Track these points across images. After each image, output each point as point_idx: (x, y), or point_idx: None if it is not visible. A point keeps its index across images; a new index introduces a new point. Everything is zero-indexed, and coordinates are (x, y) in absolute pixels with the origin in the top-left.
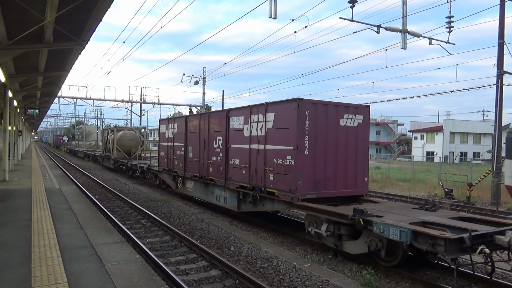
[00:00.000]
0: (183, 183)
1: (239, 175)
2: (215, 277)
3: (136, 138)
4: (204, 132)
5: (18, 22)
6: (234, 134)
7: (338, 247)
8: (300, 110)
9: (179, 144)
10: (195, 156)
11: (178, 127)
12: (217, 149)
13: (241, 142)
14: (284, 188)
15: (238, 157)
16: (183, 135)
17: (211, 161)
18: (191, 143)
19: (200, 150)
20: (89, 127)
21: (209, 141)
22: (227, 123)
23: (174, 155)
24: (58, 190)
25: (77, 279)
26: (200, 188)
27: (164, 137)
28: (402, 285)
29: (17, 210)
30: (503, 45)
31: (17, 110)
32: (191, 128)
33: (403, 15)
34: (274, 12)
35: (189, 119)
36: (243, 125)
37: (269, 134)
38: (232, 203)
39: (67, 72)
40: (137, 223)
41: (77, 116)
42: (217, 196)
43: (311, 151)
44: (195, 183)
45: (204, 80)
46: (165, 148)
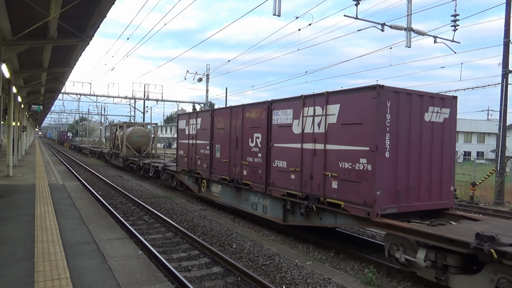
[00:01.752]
0: (208, 186)
1: (286, 181)
2: (217, 274)
3: (146, 135)
4: (236, 128)
5: (22, 18)
6: (279, 130)
7: (443, 281)
8: (381, 101)
9: (203, 142)
10: (224, 156)
11: (202, 123)
12: (254, 148)
13: (289, 141)
14: (355, 199)
15: (285, 158)
16: (208, 131)
17: (245, 163)
18: (219, 141)
19: (231, 150)
20: (93, 123)
21: (243, 139)
22: (268, 117)
23: (197, 154)
24: (61, 186)
25: (80, 275)
26: (230, 194)
27: (183, 134)
28: (403, 284)
29: (21, 205)
30: (508, 44)
31: (21, 106)
32: (218, 123)
33: (408, 13)
34: (278, 10)
35: (217, 113)
36: (291, 120)
37: (331, 131)
38: (274, 214)
39: (71, 68)
40: (139, 219)
41: (80, 112)
42: (254, 204)
43: (392, 153)
44: (224, 188)
45: (207, 77)
46: (184, 146)
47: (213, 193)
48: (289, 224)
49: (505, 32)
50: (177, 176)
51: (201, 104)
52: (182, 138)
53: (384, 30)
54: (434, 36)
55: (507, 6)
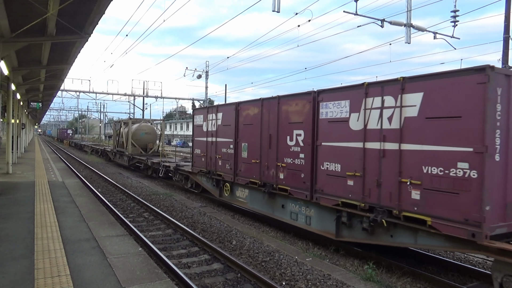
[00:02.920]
0: (232, 190)
1: (340, 188)
2: (217, 270)
3: (153, 132)
4: (269, 124)
5: (21, 15)
6: (330, 126)
7: None
8: (491, 87)
9: (225, 140)
10: (253, 156)
11: (223, 118)
12: (294, 147)
13: (344, 139)
14: (449, 215)
15: (338, 160)
16: (232, 128)
17: (282, 165)
18: (246, 138)
19: (263, 149)
20: (92, 120)
21: (279, 137)
22: (314, 110)
23: (218, 153)
24: (61, 183)
25: (80, 272)
26: (261, 200)
27: (200, 130)
28: (403, 280)
29: (21, 202)
30: (508, 40)
31: (20, 103)
32: (245, 118)
33: (407, 9)
34: (277, 6)
35: (243, 106)
36: (347, 114)
37: (410, 127)
38: (323, 226)
39: (70, 65)
40: (139, 216)
41: (80, 110)
42: (293, 213)
43: (503, 156)
44: (253, 193)
45: (207, 74)
46: (202, 144)
47: (239, 199)
48: (344, 240)
49: (505, 28)
50: (193, 177)
51: (201, 101)
52: (199, 135)
53: (383, 26)
54: (433, 32)
55: (507, 2)
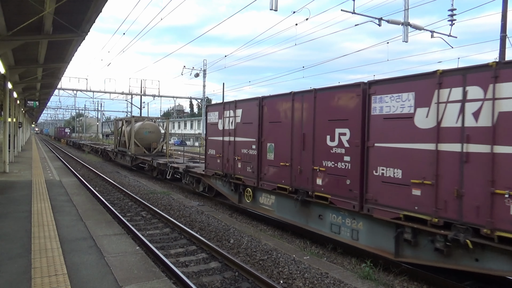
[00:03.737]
0: (255, 196)
1: (402, 198)
2: (215, 269)
3: (157, 130)
4: (303, 121)
5: (17, 13)
6: (386, 124)
7: None
8: None
9: (246, 140)
10: (281, 158)
11: (244, 115)
12: (337, 149)
13: (407, 139)
14: None
15: (399, 164)
16: (254, 126)
17: (320, 168)
18: (273, 138)
19: (294, 150)
20: (89, 119)
21: (316, 136)
22: (364, 105)
23: (237, 155)
24: (58, 182)
25: (77, 271)
26: (292, 208)
27: (215, 129)
28: (400, 278)
29: (18, 201)
30: (505, 38)
31: (17, 101)
32: (271, 115)
33: (405, 8)
34: (275, 4)
35: (269, 102)
36: (412, 109)
37: (507, 125)
38: (376, 243)
39: (67, 63)
40: (137, 215)
41: (77, 108)
42: (334, 225)
43: None
44: (281, 200)
45: (204, 73)
46: (217, 144)
47: (263, 206)
48: (406, 261)
49: (502, 27)
50: (206, 180)
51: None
52: (213, 134)
53: (381, 25)
54: (431, 31)
55: (504, 1)
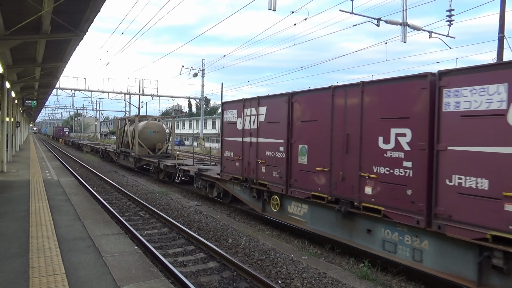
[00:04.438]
0: (282, 205)
1: (489, 215)
2: (213, 269)
3: (162, 130)
4: (346, 120)
5: (15, 12)
6: (465, 124)
7: None
8: None
9: (271, 141)
10: (316, 162)
11: (268, 113)
12: (394, 153)
13: (496, 142)
14: None
15: (483, 173)
16: (282, 125)
17: (370, 175)
18: (306, 139)
19: (334, 153)
20: (88, 118)
21: (364, 137)
22: (432, 101)
23: (260, 157)
24: (56, 181)
25: (75, 270)
26: (332, 220)
27: (233, 129)
28: (398, 278)
29: (15, 201)
30: (503, 39)
31: (15, 101)
32: (304, 113)
33: (403, 8)
34: (273, 4)
35: (300, 98)
36: (505, 104)
37: None
38: (449, 268)
39: (65, 63)
40: (135, 215)
41: (75, 108)
42: (388, 242)
43: None
44: (316, 210)
45: (203, 73)
46: (235, 146)
47: (292, 216)
48: None
49: (500, 27)
50: (221, 185)
51: (197, 99)
52: (231, 134)
53: (379, 25)
54: (429, 31)
55: (502, 1)
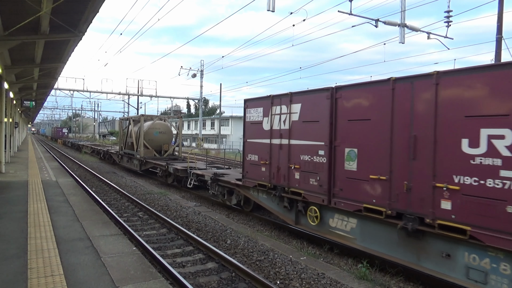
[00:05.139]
0: (322, 217)
1: None
2: (212, 269)
3: (168, 131)
4: (412, 118)
5: (14, 12)
6: None
7: None
8: None
9: (308, 143)
10: (370, 168)
11: (304, 111)
12: (484, 159)
13: None
14: None
15: None
16: (323, 125)
17: (449, 186)
18: (354, 141)
19: (396, 158)
20: (86, 119)
21: (439, 140)
22: None
23: (293, 162)
24: (54, 182)
25: (74, 271)
26: (390, 239)
27: (258, 129)
28: (397, 278)
29: (14, 202)
30: (501, 40)
31: (13, 101)
32: (352, 111)
33: (401, 9)
34: (272, 5)
35: (347, 93)
36: None
37: None
38: None
39: (63, 63)
40: (134, 215)
41: (74, 108)
42: (473, 269)
43: None
44: (367, 225)
45: (201, 73)
46: (261, 148)
47: (336, 231)
48: None
49: (498, 29)
50: (242, 192)
51: (195, 100)
52: (255, 135)
53: (378, 26)
54: (427, 32)
55: (500, 3)
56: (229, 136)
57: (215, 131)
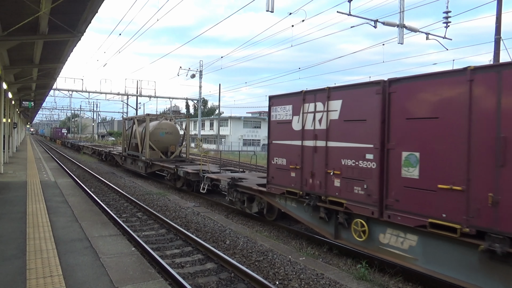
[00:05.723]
0: (372, 232)
1: None
2: (211, 270)
3: (175, 131)
4: (499, 117)
5: (12, 13)
6: None
7: None
8: None
9: (351, 145)
10: (437, 176)
11: (346, 108)
12: None
13: None
14: None
15: None
16: (371, 125)
17: None
18: (416, 143)
19: (475, 165)
20: (85, 119)
21: None
22: None
23: (332, 167)
24: (53, 183)
25: (72, 272)
26: (465, 262)
27: (287, 129)
28: (395, 279)
29: (12, 202)
30: (499, 41)
31: (12, 102)
32: (412, 107)
33: (400, 10)
34: (271, 6)
35: (405, 87)
36: None
37: None
38: None
39: (62, 64)
40: (132, 216)
41: (72, 109)
42: None
43: None
44: (431, 244)
45: (200, 74)
46: (291, 150)
47: (389, 248)
48: None
49: (496, 29)
50: (266, 199)
51: (194, 101)
52: (283, 136)
53: (376, 27)
54: (426, 33)
55: (498, 4)
56: (228, 137)
57: (214, 131)
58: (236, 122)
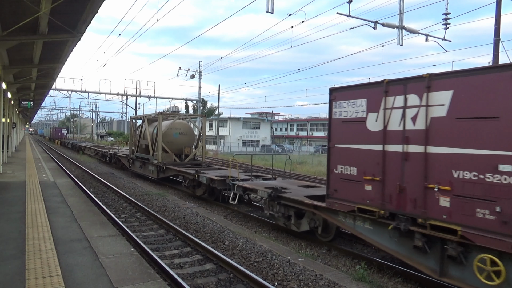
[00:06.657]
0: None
1: None
2: (210, 270)
3: (190, 132)
4: None
5: (12, 13)
6: None
7: None
8: None
9: (471, 152)
10: None
11: (457, 102)
12: None
13: None
14: None
15: None
16: (508, 124)
17: None
18: None
19: None
20: (84, 120)
21: None
22: None
23: (435, 181)
24: (52, 183)
25: (71, 272)
26: None
27: (357, 129)
28: (394, 280)
29: (11, 202)
30: (498, 42)
31: (11, 102)
32: None
33: (400, 12)
34: (271, 7)
35: None
36: None
37: None
38: None
39: (62, 64)
40: (132, 216)
41: (72, 109)
42: None
43: None
44: None
45: (200, 74)
46: (365, 157)
47: None
48: None
49: (495, 31)
50: (324, 216)
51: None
52: (351, 139)
53: (376, 28)
54: (425, 35)
55: (497, 5)
56: (227, 137)
57: (213, 132)
58: (236, 123)
